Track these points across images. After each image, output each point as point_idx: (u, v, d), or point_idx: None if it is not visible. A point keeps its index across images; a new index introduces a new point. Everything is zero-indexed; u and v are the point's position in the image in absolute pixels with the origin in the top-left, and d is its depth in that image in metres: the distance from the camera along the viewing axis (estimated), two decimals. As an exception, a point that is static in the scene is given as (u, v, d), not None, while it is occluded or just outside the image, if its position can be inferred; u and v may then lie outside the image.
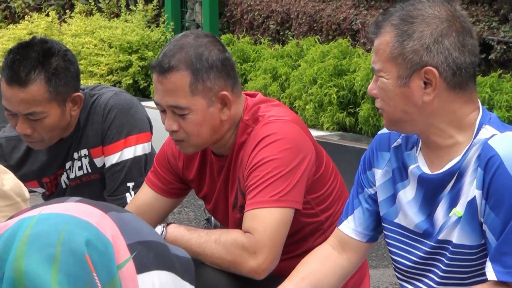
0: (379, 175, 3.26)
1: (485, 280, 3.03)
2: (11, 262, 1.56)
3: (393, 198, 3.23)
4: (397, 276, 3.31)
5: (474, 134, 3.06)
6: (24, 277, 1.54)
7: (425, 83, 3.00)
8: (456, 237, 3.06)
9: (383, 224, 3.28)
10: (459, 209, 3.06)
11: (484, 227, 3.00)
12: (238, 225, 3.58)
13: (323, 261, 3.36)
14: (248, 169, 3.56)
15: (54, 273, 1.52)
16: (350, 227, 3.33)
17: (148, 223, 3.80)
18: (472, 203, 3.02)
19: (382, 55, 3.04)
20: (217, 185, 3.74)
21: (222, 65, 3.55)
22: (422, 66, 3.00)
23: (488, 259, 2.98)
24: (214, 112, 3.55)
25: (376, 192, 3.27)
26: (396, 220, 3.22)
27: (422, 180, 3.12)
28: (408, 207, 3.18)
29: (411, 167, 3.14)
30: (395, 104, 3.05)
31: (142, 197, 3.87)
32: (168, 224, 3.66)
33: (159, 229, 3.63)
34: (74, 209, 1.66)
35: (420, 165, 3.12)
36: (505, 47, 6.23)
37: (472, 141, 3.06)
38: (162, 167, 3.83)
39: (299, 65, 6.92)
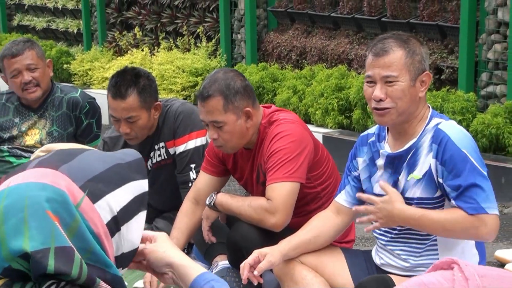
0: (361, 162, 3.31)
1: None
2: None
3: (369, 177, 3.26)
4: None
5: (426, 123, 3.10)
6: (6, 239, 1.46)
7: (421, 81, 3.06)
8: (419, 193, 3.10)
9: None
10: (417, 174, 3.09)
11: (445, 185, 3.03)
12: (261, 194, 3.62)
13: (325, 220, 3.40)
14: (267, 156, 3.59)
15: (26, 231, 1.45)
16: (343, 198, 3.34)
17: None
18: (430, 169, 3.06)
19: (398, 66, 3.02)
20: (246, 168, 3.78)
21: (244, 90, 3.59)
22: (423, 70, 3.05)
23: (454, 204, 3.00)
24: (241, 123, 3.58)
25: (359, 174, 3.30)
26: (373, 191, 3.25)
27: (389, 157, 3.18)
28: (376, 178, 3.21)
29: (381, 151, 3.20)
30: (407, 100, 3.03)
31: (201, 179, 3.89)
32: (218, 192, 3.72)
33: (211, 195, 3.70)
34: (32, 175, 1.51)
35: (386, 149, 3.17)
36: (451, 70, 6.22)
37: (425, 128, 3.11)
38: (211, 156, 3.86)
39: (312, 84, 6.92)
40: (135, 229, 1.60)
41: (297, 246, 3.33)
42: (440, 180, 3.03)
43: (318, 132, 6.47)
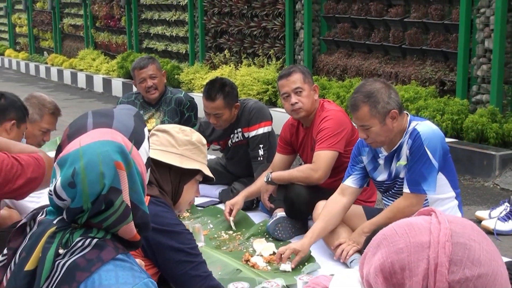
0: (365, 159, 3.28)
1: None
2: (80, 182, 1.38)
3: (374, 168, 3.25)
4: (382, 197, 3.35)
5: (407, 127, 3.08)
6: (88, 187, 1.38)
7: (391, 118, 3.00)
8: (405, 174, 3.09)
9: (373, 181, 3.30)
10: (402, 161, 3.08)
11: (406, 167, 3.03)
12: (312, 160, 3.67)
13: (332, 205, 3.31)
14: (316, 132, 3.66)
15: (101, 179, 1.38)
16: (350, 182, 3.29)
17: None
18: (407, 158, 3.06)
19: (366, 117, 2.98)
20: (303, 141, 3.85)
21: (311, 75, 3.73)
22: (389, 111, 2.98)
23: (404, 182, 3.02)
24: (312, 93, 3.67)
25: (365, 166, 3.28)
26: (377, 179, 3.25)
27: (387, 157, 3.17)
28: (380, 171, 3.23)
29: (380, 154, 3.20)
30: (383, 134, 3.01)
31: (276, 157, 3.98)
32: (272, 172, 3.79)
33: (267, 175, 3.74)
34: (97, 135, 1.42)
35: (384, 152, 3.18)
36: (451, 83, 6.19)
37: (406, 131, 3.07)
38: (282, 142, 3.94)
39: (351, 91, 6.86)
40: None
41: (318, 234, 3.26)
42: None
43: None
